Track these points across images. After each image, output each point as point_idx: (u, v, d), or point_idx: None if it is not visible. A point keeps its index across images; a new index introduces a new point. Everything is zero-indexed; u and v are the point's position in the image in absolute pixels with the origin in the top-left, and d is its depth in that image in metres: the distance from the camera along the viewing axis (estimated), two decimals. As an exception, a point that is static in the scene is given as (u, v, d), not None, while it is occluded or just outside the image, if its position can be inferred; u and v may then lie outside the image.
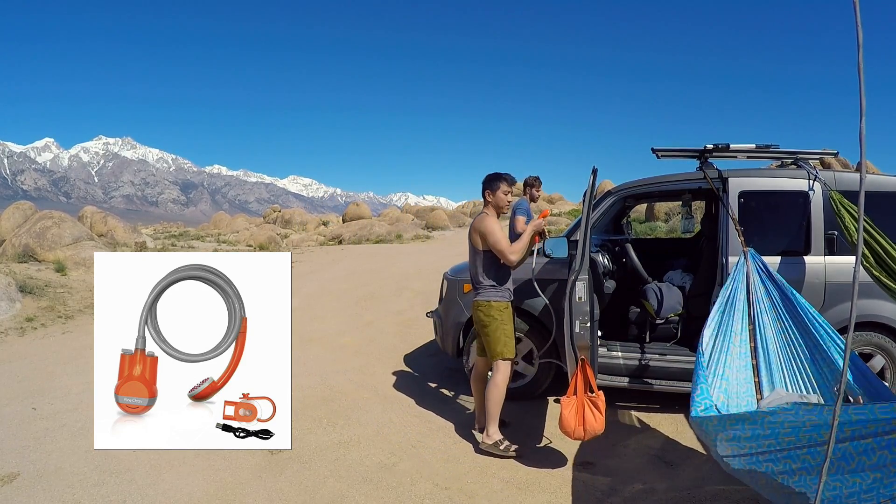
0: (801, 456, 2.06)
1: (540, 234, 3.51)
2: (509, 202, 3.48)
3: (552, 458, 3.34)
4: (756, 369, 3.07)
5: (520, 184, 5.07)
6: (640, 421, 3.90)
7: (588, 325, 3.16)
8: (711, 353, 2.99)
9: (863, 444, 1.87)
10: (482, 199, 3.51)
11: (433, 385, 4.69)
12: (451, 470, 3.22)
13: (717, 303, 3.17)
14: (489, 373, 3.50)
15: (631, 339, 4.24)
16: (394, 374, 4.99)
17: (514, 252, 3.30)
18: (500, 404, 3.37)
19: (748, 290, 3.22)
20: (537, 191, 5.94)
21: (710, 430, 2.47)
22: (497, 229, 3.34)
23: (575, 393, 3.10)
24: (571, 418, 3.06)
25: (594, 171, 3.61)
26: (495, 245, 3.32)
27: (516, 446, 3.35)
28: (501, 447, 3.32)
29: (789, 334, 3.09)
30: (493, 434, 3.36)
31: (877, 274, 3.13)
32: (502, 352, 3.35)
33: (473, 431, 3.67)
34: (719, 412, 2.56)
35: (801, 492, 2.06)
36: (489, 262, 3.39)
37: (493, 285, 3.39)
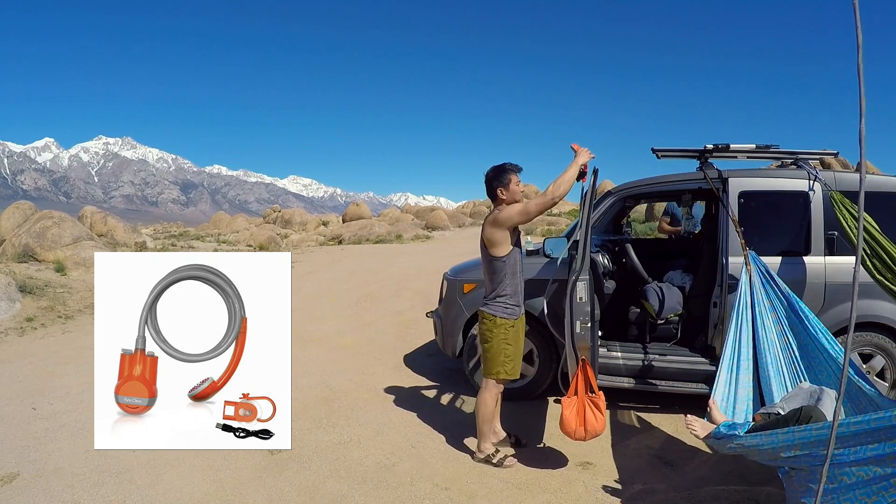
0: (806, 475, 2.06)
1: (594, 175, 3.17)
2: (523, 192, 3.15)
3: (552, 459, 3.34)
4: (757, 375, 3.05)
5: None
6: (640, 421, 3.90)
7: (589, 325, 3.15)
8: (730, 367, 3.00)
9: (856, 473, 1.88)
10: (491, 201, 3.19)
11: (433, 385, 4.69)
12: (451, 470, 3.21)
13: (730, 316, 3.17)
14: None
15: (630, 340, 4.24)
16: (394, 374, 4.99)
17: (559, 186, 2.92)
18: (488, 422, 3.22)
19: (751, 295, 3.22)
20: None
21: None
22: (518, 205, 3.03)
23: (576, 393, 3.10)
24: (572, 419, 3.05)
25: (594, 172, 3.60)
26: (528, 212, 2.97)
27: (511, 455, 3.25)
28: (495, 459, 3.21)
29: (788, 338, 3.09)
30: (485, 448, 3.25)
31: (879, 278, 3.13)
32: (497, 372, 3.15)
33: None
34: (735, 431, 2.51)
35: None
36: (500, 270, 3.10)
37: (502, 298, 3.12)
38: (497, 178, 3.10)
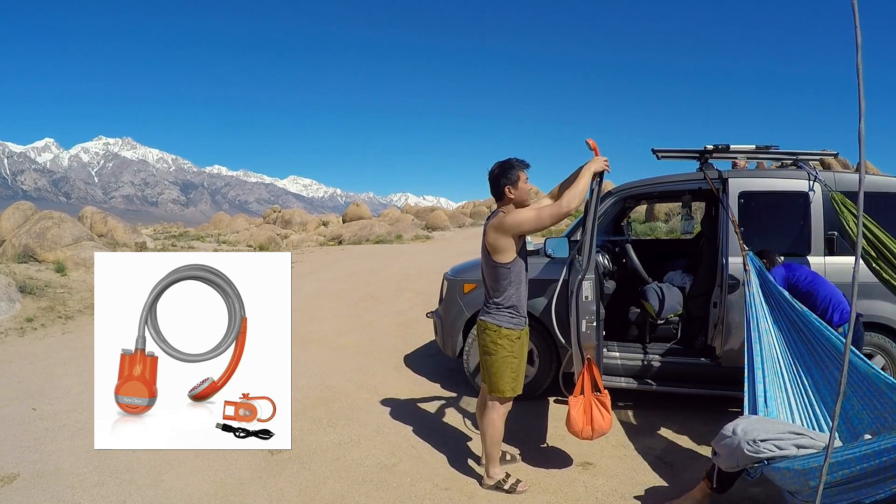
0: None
1: (600, 175, 3.00)
2: (530, 191, 2.89)
3: (553, 459, 3.34)
4: (752, 378, 3.01)
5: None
6: (640, 422, 3.90)
7: (594, 324, 3.15)
8: (765, 385, 2.91)
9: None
10: (495, 200, 2.89)
11: (433, 385, 4.69)
12: (451, 470, 3.21)
13: (748, 337, 3.07)
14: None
15: (630, 340, 4.24)
16: (394, 374, 4.99)
17: (574, 198, 2.71)
18: (496, 444, 2.98)
19: (750, 296, 3.19)
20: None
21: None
22: (530, 212, 2.76)
23: (582, 392, 3.10)
24: (579, 418, 3.04)
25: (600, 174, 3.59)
26: (542, 221, 2.73)
27: (522, 481, 3.00)
28: (506, 486, 2.96)
29: (789, 339, 3.06)
30: (495, 475, 3.00)
31: (886, 277, 3.12)
32: (503, 389, 2.88)
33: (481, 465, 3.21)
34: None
35: None
36: (504, 278, 2.82)
37: (509, 308, 2.86)
38: (505, 175, 2.80)
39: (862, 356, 2.84)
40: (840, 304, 3.17)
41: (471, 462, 3.30)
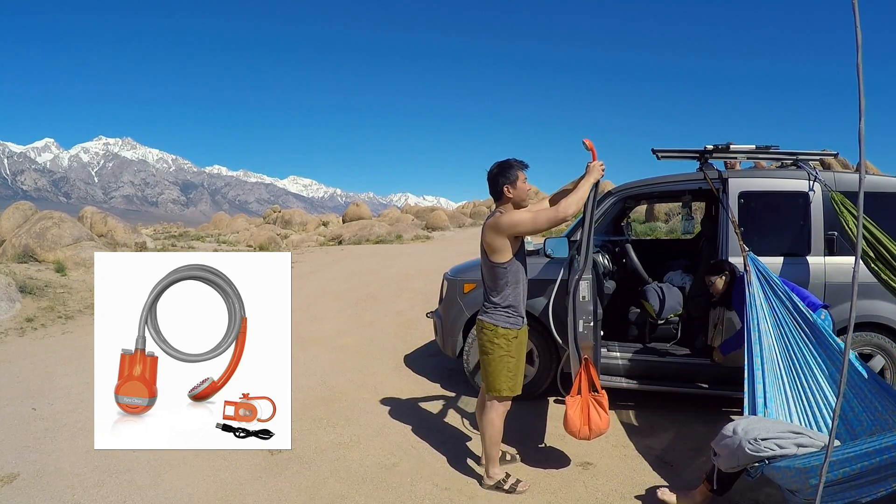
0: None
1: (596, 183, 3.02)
2: (530, 190, 2.92)
3: (552, 459, 3.34)
4: (751, 378, 3.00)
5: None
6: (640, 421, 3.89)
7: (591, 324, 3.15)
8: (765, 385, 2.88)
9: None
10: (494, 200, 2.90)
11: (433, 385, 4.69)
12: (451, 470, 3.21)
13: (748, 338, 3.05)
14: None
15: (630, 340, 4.24)
16: (394, 374, 4.99)
17: (570, 205, 2.74)
18: (496, 444, 2.98)
19: (751, 297, 3.19)
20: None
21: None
22: (526, 214, 2.78)
23: (579, 392, 3.09)
24: (577, 417, 3.04)
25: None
26: (538, 224, 2.74)
27: (522, 481, 3.00)
28: (506, 486, 2.96)
29: (788, 340, 3.06)
30: (495, 475, 3.00)
31: (885, 278, 3.12)
32: (500, 389, 2.88)
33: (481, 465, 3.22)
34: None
35: None
36: (501, 277, 2.83)
37: (506, 307, 2.86)
38: (504, 175, 2.82)
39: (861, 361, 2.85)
40: (806, 297, 3.20)
41: (471, 462, 3.30)
